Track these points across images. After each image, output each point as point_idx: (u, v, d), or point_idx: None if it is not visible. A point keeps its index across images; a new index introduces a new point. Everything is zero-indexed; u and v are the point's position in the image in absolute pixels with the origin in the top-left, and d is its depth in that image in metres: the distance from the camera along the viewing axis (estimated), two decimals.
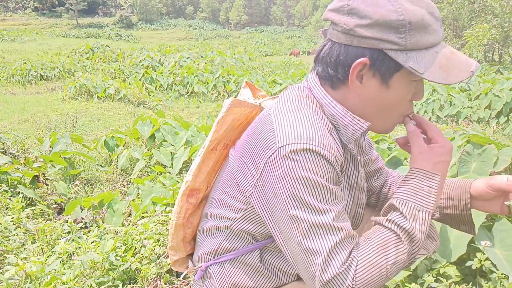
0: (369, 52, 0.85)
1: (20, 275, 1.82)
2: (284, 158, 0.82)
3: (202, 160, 1.09)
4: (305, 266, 0.83)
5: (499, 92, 7.18)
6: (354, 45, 0.85)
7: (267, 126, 0.91)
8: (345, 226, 0.84)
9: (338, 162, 0.87)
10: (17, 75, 12.72)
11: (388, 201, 1.22)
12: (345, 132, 0.92)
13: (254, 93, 1.18)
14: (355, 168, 1.01)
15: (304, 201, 0.81)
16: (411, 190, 0.89)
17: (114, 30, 43.00)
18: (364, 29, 0.83)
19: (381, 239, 0.86)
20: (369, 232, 0.90)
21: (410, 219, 0.86)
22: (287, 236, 0.85)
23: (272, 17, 71.41)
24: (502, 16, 14.61)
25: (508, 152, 2.96)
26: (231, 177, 1.00)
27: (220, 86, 11.32)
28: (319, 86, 0.94)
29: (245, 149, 0.96)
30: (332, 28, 0.90)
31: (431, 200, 0.87)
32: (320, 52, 0.94)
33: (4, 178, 3.28)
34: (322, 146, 0.83)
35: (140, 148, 4.44)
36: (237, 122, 1.11)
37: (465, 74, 0.84)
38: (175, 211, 1.13)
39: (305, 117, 0.88)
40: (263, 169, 0.87)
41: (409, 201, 0.88)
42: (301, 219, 0.82)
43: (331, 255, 0.81)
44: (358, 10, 0.84)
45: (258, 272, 1.01)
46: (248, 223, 0.97)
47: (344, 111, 0.91)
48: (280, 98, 0.98)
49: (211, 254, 1.06)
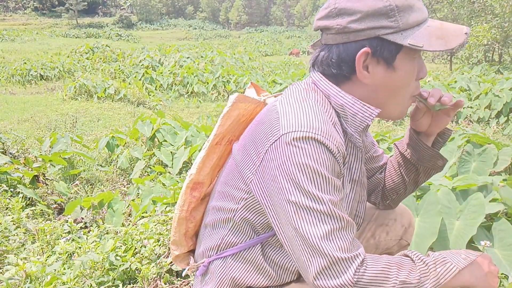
0: (368, 42, 0.89)
1: (20, 275, 1.82)
2: (287, 144, 0.84)
3: (207, 153, 1.11)
4: (302, 251, 0.84)
5: (499, 92, 7.18)
6: (352, 40, 0.90)
7: (272, 115, 0.93)
8: (343, 215, 0.84)
9: (340, 153, 0.88)
10: (17, 75, 12.70)
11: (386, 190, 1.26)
12: (353, 121, 0.94)
13: (259, 93, 1.20)
14: (357, 163, 1.02)
15: (302, 187, 0.83)
16: (450, 252, 0.91)
17: (114, 30, 42.97)
18: (357, 23, 0.88)
19: (399, 259, 0.88)
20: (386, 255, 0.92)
21: (436, 261, 0.87)
22: (285, 222, 0.86)
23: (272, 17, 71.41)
24: (502, 16, 14.61)
25: (508, 152, 2.96)
26: (234, 167, 1.02)
27: (220, 86, 11.31)
28: (325, 79, 0.97)
29: (248, 139, 0.98)
30: (325, 34, 0.95)
31: (463, 262, 0.87)
32: (316, 58, 0.97)
33: (4, 178, 3.28)
34: (325, 135, 0.85)
35: (140, 148, 4.44)
36: (242, 118, 1.12)
37: (461, 37, 0.89)
38: (179, 204, 1.14)
39: (310, 107, 0.90)
40: (264, 155, 0.89)
41: (442, 253, 0.90)
42: (299, 205, 0.83)
43: (329, 238, 0.81)
44: (346, 9, 0.89)
45: (259, 268, 1.02)
46: (249, 212, 0.98)
47: (354, 99, 0.93)
48: (285, 92, 1.01)
49: (213, 250, 1.07)
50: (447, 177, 2.41)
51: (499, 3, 14.34)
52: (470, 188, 2.07)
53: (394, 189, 1.24)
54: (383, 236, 1.29)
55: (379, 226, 1.29)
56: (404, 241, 1.33)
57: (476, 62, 17.53)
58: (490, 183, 2.09)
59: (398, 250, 1.33)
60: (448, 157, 3.24)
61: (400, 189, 1.23)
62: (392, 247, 1.31)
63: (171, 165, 3.98)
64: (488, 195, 2.04)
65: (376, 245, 1.29)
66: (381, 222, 1.29)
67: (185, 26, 58.89)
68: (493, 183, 2.10)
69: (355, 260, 0.81)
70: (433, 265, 0.85)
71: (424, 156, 1.12)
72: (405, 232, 1.32)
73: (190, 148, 4.01)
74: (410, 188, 1.22)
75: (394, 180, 1.23)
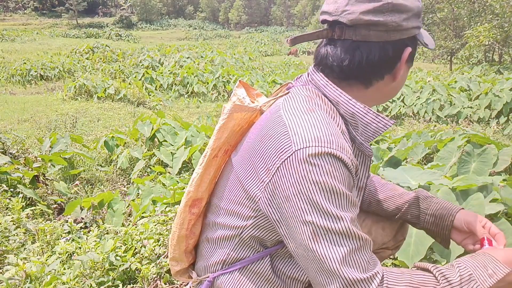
0: (409, 40, 0.93)
1: (20, 275, 1.82)
2: (301, 161, 0.79)
3: (204, 169, 1.05)
4: (319, 273, 0.80)
5: (499, 92, 7.18)
6: (392, 39, 0.90)
7: (279, 128, 0.87)
8: (361, 233, 0.81)
9: (353, 166, 0.85)
10: (17, 75, 12.70)
11: (371, 205, 1.28)
12: (365, 130, 0.91)
13: (249, 93, 1.14)
14: (366, 170, 0.99)
15: (320, 206, 0.78)
16: (477, 262, 0.84)
17: (114, 30, 42.91)
18: (407, 21, 0.90)
19: (421, 278, 0.81)
20: (407, 269, 0.87)
21: (461, 280, 0.80)
22: (300, 243, 0.81)
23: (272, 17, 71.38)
24: (502, 16, 14.60)
25: (508, 152, 2.96)
26: (238, 183, 0.96)
27: (220, 86, 11.32)
28: (331, 85, 0.92)
29: (252, 153, 0.92)
30: (363, 30, 0.88)
31: (488, 281, 0.80)
32: (326, 56, 0.93)
33: (4, 178, 3.28)
34: (341, 149, 0.81)
35: (140, 148, 4.44)
36: (238, 127, 1.06)
37: (430, 39, 0.99)
38: (177, 222, 1.09)
39: (319, 118, 0.85)
40: (275, 173, 0.83)
41: (468, 267, 0.82)
42: (316, 225, 0.78)
43: (347, 261, 0.77)
44: (401, 6, 0.88)
45: (268, 281, 0.98)
46: (258, 230, 0.94)
47: (366, 109, 0.90)
48: (288, 99, 0.95)
49: (219, 264, 1.02)
50: (447, 177, 2.41)
51: (499, 3, 14.34)
52: (470, 188, 2.06)
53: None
54: (380, 232, 1.29)
55: (375, 222, 1.29)
56: (399, 236, 1.33)
57: (476, 62, 17.53)
58: (490, 183, 2.08)
59: (394, 245, 1.33)
60: (448, 157, 3.24)
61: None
62: (388, 242, 1.31)
63: (172, 165, 3.99)
64: (488, 196, 2.04)
65: (373, 241, 1.29)
66: (376, 219, 1.30)
67: (185, 26, 58.88)
68: (493, 183, 2.10)
69: (373, 280, 0.78)
70: (458, 286, 0.79)
71: (434, 234, 1.15)
72: (401, 227, 1.32)
73: (190, 148, 4.01)
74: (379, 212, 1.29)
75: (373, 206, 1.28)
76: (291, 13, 69.71)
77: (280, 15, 71.14)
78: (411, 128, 7.09)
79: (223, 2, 68.73)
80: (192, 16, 71.48)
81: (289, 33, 51.58)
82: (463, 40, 16.86)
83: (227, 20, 67.55)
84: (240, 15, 65.44)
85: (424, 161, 3.67)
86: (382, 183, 1.29)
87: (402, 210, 1.21)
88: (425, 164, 3.49)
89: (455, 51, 19.03)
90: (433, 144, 3.66)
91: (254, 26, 65.77)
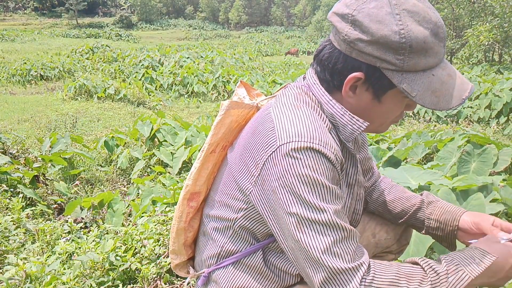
0: (366, 67, 0.85)
1: (20, 275, 1.82)
2: (285, 156, 0.82)
3: (201, 163, 1.09)
4: (305, 263, 0.83)
5: (499, 92, 7.18)
6: (353, 56, 0.86)
7: (267, 124, 0.91)
8: (346, 225, 0.83)
9: (338, 161, 0.87)
10: (17, 75, 12.70)
11: (378, 206, 1.27)
12: (343, 130, 0.93)
13: (249, 92, 1.17)
14: (353, 166, 1.02)
15: (303, 198, 0.81)
16: (464, 255, 0.85)
17: (114, 30, 42.93)
18: (364, 44, 0.83)
19: (409, 268, 0.83)
20: (396, 262, 0.88)
21: (448, 270, 0.81)
22: (287, 234, 0.85)
23: (272, 17, 71.42)
24: (502, 16, 14.61)
25: (508, 152, 2.96)
26: (231, 177, 1.00)
27: (220, 86, 11.31)
28: (318, 85, 0.95)
29: (244, 148, 0.96)
30: (334, 32, 0.90)
31: (477, 269, 0.81)
32: (320, 52, 0.94)
33: (4, 178, 3.28)
34: (323, 144, 0.83)
35: (140, 148, 4.44)
36: (235, 124, 1.10)
37: (456, 101, 0.84)
38: (176, 215, 1.12)
39: (305, 114, 0.88)
40: (262, 167, 0.87)
41: (455, 259, 0.84)
42: (300, 216, 0.81)
43: (331, 251, 0.80)
44: (362, 24, 0.83)
45: (261, 274, 1.01)
46: (249, 222, 0.97)
47: (343, 110, 0.92)
48: (278, 96, 0.98)
49: (213, 258, 1.06)
50: (447, 177, 2.41)
51: (499, 3, 14.34)
52: (470, 188, 2.06)
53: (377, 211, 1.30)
54: (383, 235, 1.29)
55: (378, 225, 1.29)
56: (403, 240, 1.33)
57: (476, 62, 17.52)
58: (490, 183, 2.08)
59: (398, 249, 1.33)
60: (448, 157, 3.24)
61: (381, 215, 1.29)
62: (391, 246, 1.31)
63: (171, 165, 3.99)
64: (488, 196, 2.04)
65: (376, 244, 1.29)
66: (381, 222, 1.30)
67: (185, 26, 58.84)
68: (493, 183, 2.10)
69: (359, 269, 0.80)
70: (444, 275, 0.81)
71: (440, 239, 1.14)
72: (405, 231, 1.32)
73: (190, 148, 4.01)
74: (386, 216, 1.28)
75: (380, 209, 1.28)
76: (291, 13, 69.78)
77: (280, 15, 71.19)
78: (411, 128, 7.09)
79: (223, 2, 68.74)
80: (192, 16, 71.49)
81: (289, 33, 51.61)
82: (463, 40, 16.86)
83: (227, 20, 67.56)
84: (240, 15, 65.46)
85: (424, 161, 3.67)
86: (392, 185, 1.28)
87: (408, 214, 1.20)
88: (425, 164, 3.49)
89: (455, 51, 19.04)
90: (433, 144, 3.66)
91: (254, 26, 65.77)
